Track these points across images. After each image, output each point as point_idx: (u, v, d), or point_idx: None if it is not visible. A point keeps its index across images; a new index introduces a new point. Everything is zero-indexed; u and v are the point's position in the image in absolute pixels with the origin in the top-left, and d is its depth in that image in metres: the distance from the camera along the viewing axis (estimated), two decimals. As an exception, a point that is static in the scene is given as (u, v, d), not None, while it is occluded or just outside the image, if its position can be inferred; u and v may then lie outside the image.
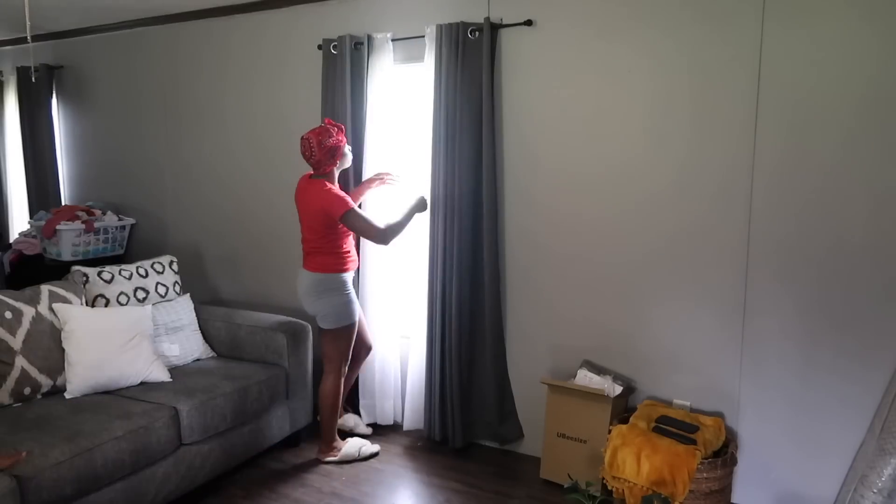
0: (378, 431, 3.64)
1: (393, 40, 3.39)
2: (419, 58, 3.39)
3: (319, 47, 3.59)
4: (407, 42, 3.39)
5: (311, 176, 3.12)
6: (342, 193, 3.03)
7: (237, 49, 4.01)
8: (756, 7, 2.63)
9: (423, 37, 3.29)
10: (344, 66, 3.46)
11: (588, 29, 2.98)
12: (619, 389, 2.89)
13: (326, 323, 3.13)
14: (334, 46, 3.50)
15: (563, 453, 3.01)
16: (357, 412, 3.64)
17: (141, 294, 3.36)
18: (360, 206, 3.15)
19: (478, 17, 3.12)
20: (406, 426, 3.62)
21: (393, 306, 3.58)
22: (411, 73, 3.51)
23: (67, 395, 2.84)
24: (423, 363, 3.52)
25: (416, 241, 3.59)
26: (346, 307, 3.12)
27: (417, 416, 3.62)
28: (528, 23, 3.08)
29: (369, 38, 3.45)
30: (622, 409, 2.99)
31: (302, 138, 3.02)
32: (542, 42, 3.08)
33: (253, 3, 3.83)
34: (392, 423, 3.64)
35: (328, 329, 3.14)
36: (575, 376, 3.04)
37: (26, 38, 3.47)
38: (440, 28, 3.16)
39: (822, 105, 2.56)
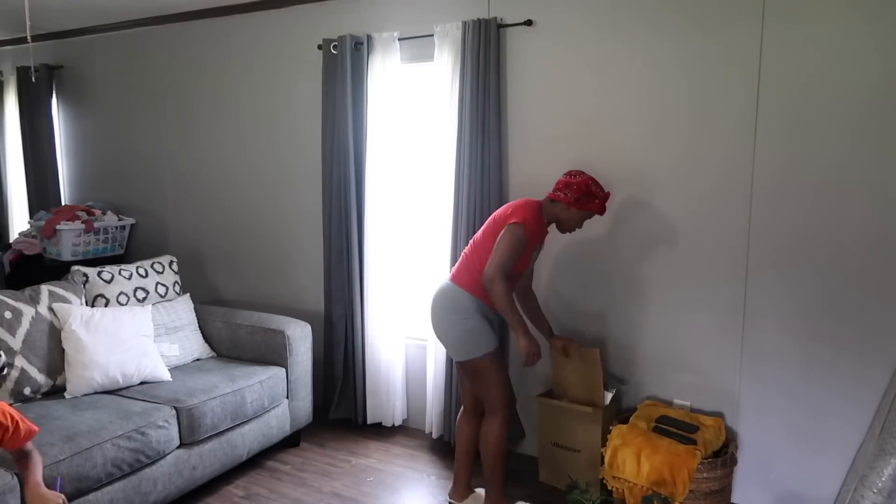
0: (380, 431, 3.64)
1: (397, 39, 3.39)
2: (421, 57, 3.40)
3: (319, 47, 3.60)
4: (409, 41, 3.39)
5: (547, 196, 2.71)
6: (531, 215, 2.58)
7: (237, 49, 4.01)
8: (756, 7, 2.63)
9: (428, 36, 3.30)
10: (344, 66, 3.46)
11: (587, 29, 2.98)
12: (609, 397, 2.87)
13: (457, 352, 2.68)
14: (334, 46, 3.51)
15: (559, 460, 3.00)
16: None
17: (141, 294, 3.36)
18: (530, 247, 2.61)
19: (477, 16, 3.12)
20: (408, 426, 3.62)
21: (397, 306, 3.58)
22: (412, 73, 3.51)
23: (67, 395, 2.84)
24: (425, 364, 3.53)
25: (426, 241, 3.60)
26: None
27: (420, 417, 3.63)
28: (528, 23, 3.08)
29: (369, 37, 3.45)
30: (614, 415, 2.98)
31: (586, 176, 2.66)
32: (542, 42, 3.08)
33: (253, 3, 3.84)
34: (392, 423, 3.64)
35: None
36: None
37: (26, 38, 3.48)
38: (466, 24, 3.12)
39: (821, 106, 2.56)
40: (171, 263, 3.63)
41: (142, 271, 3.44)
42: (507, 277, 2.52)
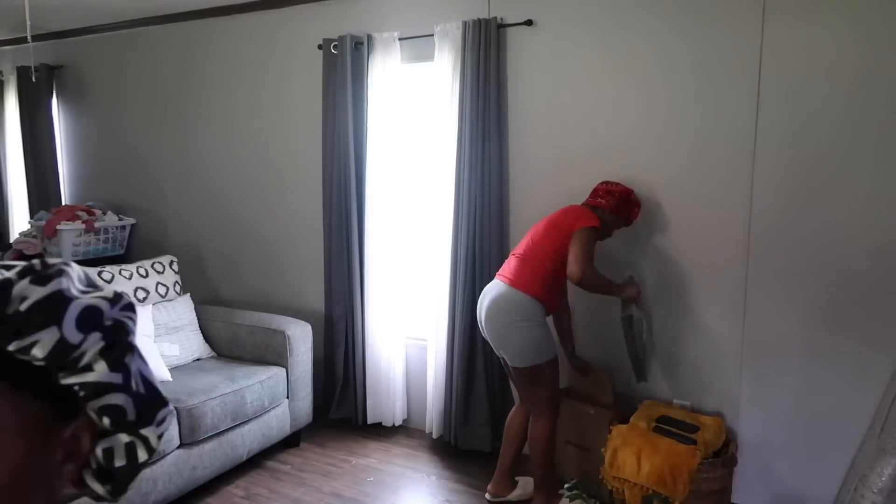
0: (380, 431, 3.64)
1: (398, 39, 3.39)
2: (421, 57, 3.40)
3: (319, 47, 3.60)
4: (409, 41, 3.39)
5: (583, 204, 2.81)
6: (598, 220, 2.66)
7: (237, 49, 4.01)
8: (756, 6, 2.63)
9: (428, 36, 3.30)
10: (344, 66, 3.46)
11: (588, 29, 2.98)
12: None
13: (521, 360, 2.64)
14: (334, 46, 3.51)
15: (574, 457, 3.01)
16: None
17: (141, 294, 3.36)
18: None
19: (477, 16, 3.12)
20: (408, 426, 3.62)
21: (397, 307, 3.58)
22: (412, 73, 3.51)
23: (67, 395, 2.84)
24: (425, 364, 3.53)
25: (426, 242, 3.60)
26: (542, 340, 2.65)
27: (420, 417, 3.63)
28: (529, 23, 3.08)
29: (369, 37, 3.45)
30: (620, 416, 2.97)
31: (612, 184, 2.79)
32: (543, 42, 3.08)
33: (253, 3, 3.84)
34: (392, 423, 3.64)
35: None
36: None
37: (26, 38, 3.47)
38: (466, 24, 3.12)
39: (822, 105, 2.56)
40: (171, 263, 3.63)
41: (142, 271, 3.44)
42: (592, 266, 2.56)
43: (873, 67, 2.46)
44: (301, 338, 3.37)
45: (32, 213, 4.82)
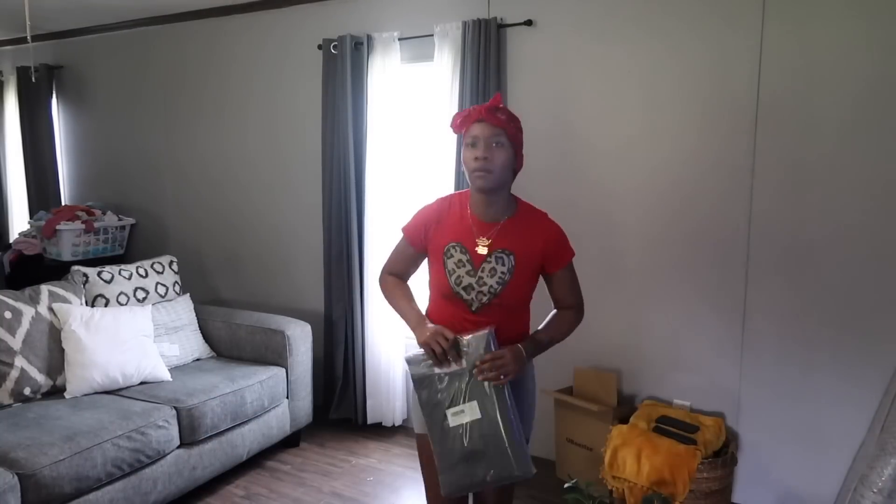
0: (380, 431, 3.64)
1: (397, 39, 3.39)
2: (421, 57, 3.40)
3: (319, 47, 3.60)
4: (409, 41, 3.39)
5: None
6: (416, 213, 2.15)
7: (237, 49, 4.01)
8: (756, 6, 2.63)
9: (428, 36, 3.30)
10: (344, 66, 3.46)
11: (588, 29, 2.98)
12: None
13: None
14: (334, 46, 3.51)
15: (574, 456, 3.01)
16: None
17: (141, 294, 3.36)
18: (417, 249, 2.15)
19: (477, 16, 3.12)
20: (408, 426, 3.62)
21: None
22: (412, 73, 3.51)
23: (67, 395, 2.84)
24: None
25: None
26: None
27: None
28: (528, 23, 3.08)
29: (369, 37, 3.45)
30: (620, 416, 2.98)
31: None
32: (543, 42, 3.08)
33: (253, 3, 3.84)
34: (392, 423, 3.64)
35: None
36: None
37: (26, 38, 3.47)
38: (466, 24, 3.12)
39: (821, 104, 2.56)
40: (170, 263, 3.63)
41: (142, 271, 3.44)
42: (388, 272, 2.18)
43: (873, 65, 2.46)
44: (301, 338, 3.36)
45: (32, 213, 4.83)
